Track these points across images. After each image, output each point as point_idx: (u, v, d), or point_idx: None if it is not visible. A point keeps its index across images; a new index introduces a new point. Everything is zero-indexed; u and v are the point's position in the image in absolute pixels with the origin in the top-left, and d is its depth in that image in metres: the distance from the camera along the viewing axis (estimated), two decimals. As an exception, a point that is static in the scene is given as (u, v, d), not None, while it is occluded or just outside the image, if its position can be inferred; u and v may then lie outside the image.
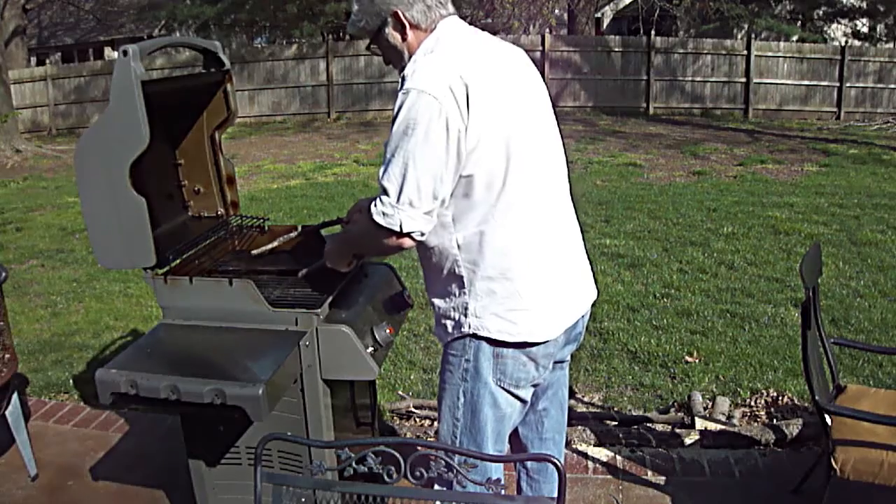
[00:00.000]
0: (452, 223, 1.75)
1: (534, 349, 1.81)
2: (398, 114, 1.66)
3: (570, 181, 1.97)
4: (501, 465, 1.98)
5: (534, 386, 1.91)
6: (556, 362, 1.97)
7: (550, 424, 2.12)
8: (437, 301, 1.87)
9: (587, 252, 2.03)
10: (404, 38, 1.79)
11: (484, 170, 1.69)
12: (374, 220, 1.69)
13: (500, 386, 1.83)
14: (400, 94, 1.68)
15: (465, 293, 1.79)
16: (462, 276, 1.78)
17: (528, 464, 2.14)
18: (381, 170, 1.70)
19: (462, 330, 1.81)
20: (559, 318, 1.85)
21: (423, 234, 1.70)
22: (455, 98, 1.63)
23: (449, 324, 1.84)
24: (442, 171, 1.65)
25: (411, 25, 1.77)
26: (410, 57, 1.78)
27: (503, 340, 1.78)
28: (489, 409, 1.85)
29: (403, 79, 1.70)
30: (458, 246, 1.76)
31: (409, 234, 1.69)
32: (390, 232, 1.69)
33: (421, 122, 1.62)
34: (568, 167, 1.96)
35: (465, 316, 1.80)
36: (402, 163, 1.64)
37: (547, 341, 1.82)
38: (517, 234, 1.76)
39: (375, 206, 1.70)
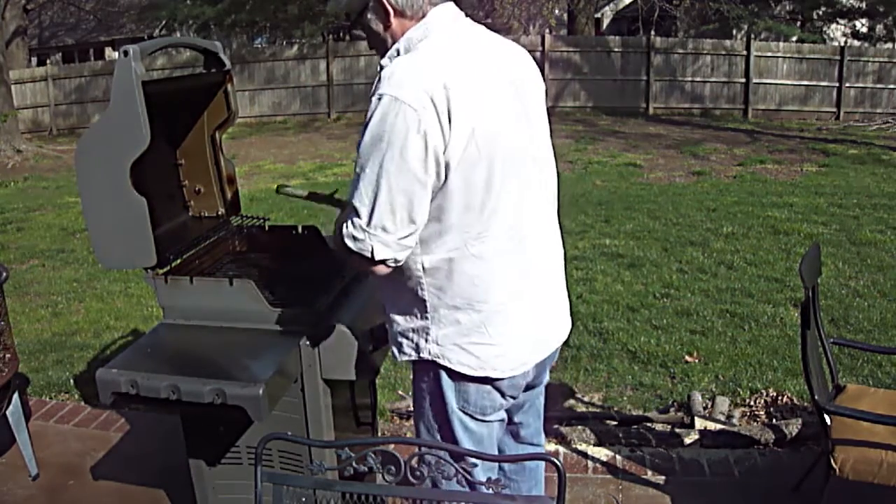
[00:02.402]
0: (419, 244, 1.58)
1: (497, 382, 1.69)
2: (369, 122, 1.47)
3: (559, 200, 1.81)
4: (495, 465, 1.91)
5: (504, 410, 1.80)
6: (528, 387, 1.84)
7: (527, 433, 2.01)
8: (395, 317, 1.72)
9: (567, 282, 1.87)
10: (387, 27, 1.61)
11: (462, 192, 1.52)
12: (347, 244, 1.55)
13: (465, 412, 1.72)
14: (373, 98, 1.49)
15: (426, 318, 1.64)
16: (425, 301, 1.63)
17: (505, 466, 2.02)
18: (351, 186, 1.52)
19: (421, 355, 1.68)
20: (527, 354, 1.71)
21: (397, 262, 1.55)
22: (436, 109, 1.45)
23: (406, 344, 1.71)
24: (420, 192, 1.48)
25: (396, 12, 1.58)
26: (394, 45, 1.61)
27: (462, 373, 1.66)
28: (463, 433, 1.73)
29: (379, 79, 1.53)
30: (424, 269, 1.60)
31: (383, 262, 1.54)
32: (361, 258, 1.54)
33: (397, 135, 1.44)
34: (558, 184, 1.80)
35: (426, 341, 1.66)
36: (374, 181, 1.47)
37: (511, 377, 1.70)
38: (491, 263, 1.60)
39: (347, 227, 1.54)
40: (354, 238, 1.53)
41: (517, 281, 1.65)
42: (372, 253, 1.52)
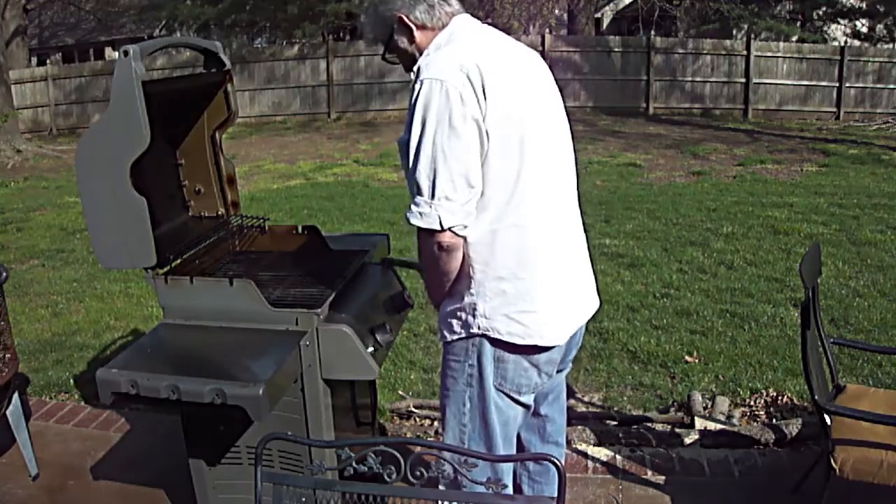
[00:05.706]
0: None
1: (537, 355, 1.78)
2: (415, 106, 1.62)
3: (577, 189, 1.93)
4: (510, 467, 1.95)
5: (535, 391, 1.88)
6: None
7: (553, 429, 2.10)
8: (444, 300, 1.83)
9: (590, 258, 1.99)
10: (412, 41, 1.78)
11: (498, 163, 1.65)
12: (413, 223, 1.64)
13: (500, 390, 1.80)
14: (415, 86, 1.63)
15: (472, 294, 1.74)
16: (471, 277, 1.73)
17: (530, 466, 2.11)
18: (410, 170, 1.64)
19: (470, 330, 1.77)
20: (566, 323, 1.82)
21: (465, 227, 1.65)
22: (472, 84, 1.60)
23: (455, 323, 1.80)
24: (473, 157, 1.61)
25: (417, 26, 1.77)
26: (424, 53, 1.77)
27: (513, 343, 1.74)
28: (495, 413, 1.82)
29: (418, 71, 1.67)
30: (468, 244, 1.71)
31: (450, 229, 1.62)
32: (431, 232, 1.63)
33: (444, 110, 1.58)
34: (577, 175, 1.92)
35: (474, 317, 1.75)
36: (430, 156, 1.59)
37: (553, 347, 1.79)
38: (529, 232, 1.72)
39: (411, 209, 1.64)
40: (421, 214, 1.63)
41: (553, 250, 1.78)
42: (440, 221, 1.61)
